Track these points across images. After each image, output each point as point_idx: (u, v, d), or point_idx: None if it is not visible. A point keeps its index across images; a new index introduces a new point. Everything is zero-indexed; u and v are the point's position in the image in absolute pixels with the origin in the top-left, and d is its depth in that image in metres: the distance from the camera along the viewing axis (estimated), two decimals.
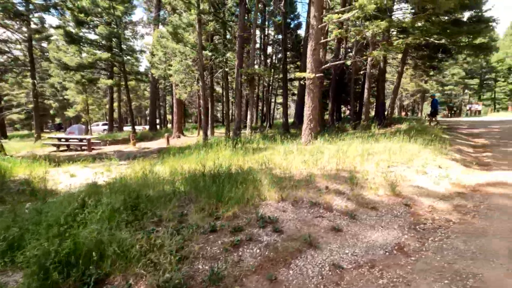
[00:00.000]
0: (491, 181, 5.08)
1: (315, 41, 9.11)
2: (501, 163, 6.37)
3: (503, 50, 36.12)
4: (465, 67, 40.05)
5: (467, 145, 9.04)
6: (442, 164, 6.05)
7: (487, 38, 27.56)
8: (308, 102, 9.59)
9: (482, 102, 40.74)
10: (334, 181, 4.68)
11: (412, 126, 12.37)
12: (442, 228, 3.30)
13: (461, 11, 12.18)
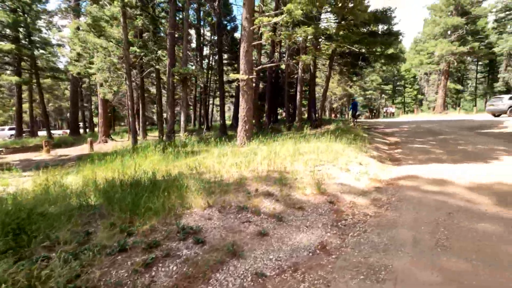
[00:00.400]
0: (401, 175, 5.68)
1: (247, 42, 9.12)
2: (408, 158, 7.26)
3: (409, 62, 42.28)
4: (382, 75, 45.76)
5: (383, 143, 10.15)
6: (362, 161, 6.57)
7: (397, 50, 31.76)
8: (242, 104, 9.54)
9: (395, 105, 47.02)
10: (264, 183, 4.62)
11: (339, 127, 13.43)
12: (360, 223, 3.47)
13: (375, 24, 13.75)
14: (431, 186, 4.74)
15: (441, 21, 29.10)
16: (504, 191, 4.23)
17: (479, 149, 8.05)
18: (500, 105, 18.31)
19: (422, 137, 11.23)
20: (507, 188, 4.32)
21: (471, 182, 4.75)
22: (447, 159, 6.94)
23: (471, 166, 6.03)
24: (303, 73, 14.00)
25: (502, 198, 3.94)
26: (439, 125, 15.41)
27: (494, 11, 29.23)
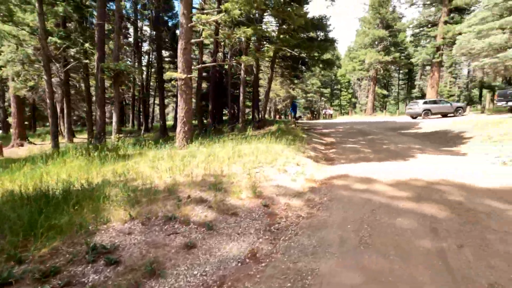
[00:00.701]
0: (334, 174, 5.96)
1: (185, 40, 8.69)
2: (341, 158, 7.72)
3: (344, 67, 46.01)
4: (321, 79, 48.97)
5: (320, 143, 10.69)
6: (300, 161, 6.74)
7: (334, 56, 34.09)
8: (181, 104, 9.06)
9: (333, 107, 50.65)
10: (198, 188, 4.35)
11: (281, 128, 13.78)
12: (293, 225, 3.46)
13: (313, 31, 14.50)
14: (359, 184, 5.04)
15: (370, 32, 32.32)
16: (418, 186, 4.71)
17: (400, 148, 9.00)
18: (416, 108, 21.01)
19: (354, 137, 12.18)
20: (420, 184, 4.82)
21: (392, 179, 5.19)
22: (374, 157, 7.56)
23: (393, 164, 6.65)
24: (245, 74, 14.01)
25: (416, 193, 4.37)
26: (368, 126, 16.98)
27: (411, 27, 33.55)
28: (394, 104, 49.90)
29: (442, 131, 11.71)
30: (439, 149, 8.71)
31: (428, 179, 5.07)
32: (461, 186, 4.62)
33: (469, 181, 4.87)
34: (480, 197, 4.07)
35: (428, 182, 4.90)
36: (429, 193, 4.30)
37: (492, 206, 3.72)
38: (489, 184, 4.67)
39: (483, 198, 4.01)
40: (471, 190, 4.42)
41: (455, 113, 20.95)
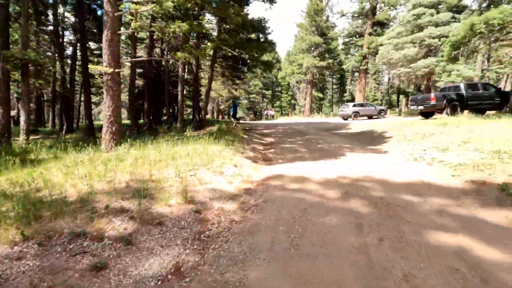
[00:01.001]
0: (271, 174, 5.97)
1: (111, 30, 7.82)
2: (279, 158, 7.85)
3: (284, 70, 47.93)
4: (263, 80, 50.23)
5: (260, 144, 10.78)
6: (238, 162, 6.61)
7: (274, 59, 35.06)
8: (107, 101, 8.13)
9: (274, 108, 52.38)
10: (120, 196, 3.84)
11: (221, 128, 13.53)
12: (225, 231, 3.27)
13: (253, 32, 14.63)
14: (293, 184, 5.11)
15: (307, 38, 34.29)
16: (345, 183, 4.98)
17: (332, 147, 9.59)
18: (347, 111, 22.99)
19: (293, 137, 12.63)
20: (348, 181, 5.11)
21: (324, 177, 5.41)
22: (309, 157, 7.87)
23: (325, 163, 6.99)
24: (184, 72, 13.38)
25: (344, 190, 4.60)
26: (306, 126, 17.89)
27: (342, 36, 36.73)
28: (329, 106, 54.04)
29: (368, 131, 12.94)
30: (365, 148, 9.54)
31: (355, 176, 5.42)
32: (382, 182, 5.04)
33: (388, 177, 5.35)
34: (397, 191, 4.47)
35: (354, 179, 5.22)
36: (355, 190, 4.56)
37: (406, 199, 4.10)
38: (404, 179, 5.19)
39: (400, 193, 4.41)
40: (390, 185, 4.85)
41: (378, 115, 23.55)
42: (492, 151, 6.31)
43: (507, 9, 9.56)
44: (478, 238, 2.89)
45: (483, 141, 7.11)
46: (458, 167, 5.77)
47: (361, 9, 32.61)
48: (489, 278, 2.27)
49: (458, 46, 11.78)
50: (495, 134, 7.68)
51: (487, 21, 9.78)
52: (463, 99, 13.86)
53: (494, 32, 10.97)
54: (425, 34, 20.84)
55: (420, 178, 5.15)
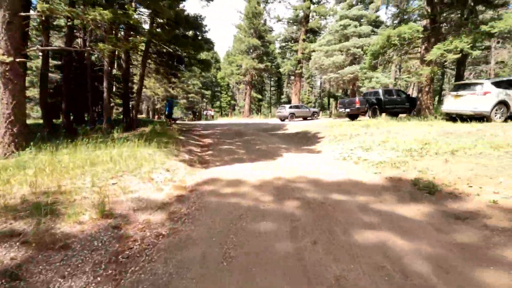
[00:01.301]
0: (206, 178, 5.65)
1: (10, 11, 6.46)
2: (216, 160, 7.56)
3: (223, 71, 47.68)
4: (202, 80, 49.04)
5: (197, 145, 10.30)
6: (171, 166, 6.10)
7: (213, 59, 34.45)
8: (5, 97, 6.71)
9: (214, 109, 51.68)
10: (12, 216, 3.07)
11: (155, 129, 12.58)
12: (149, 248, 2.85)
13: (189, 28, 13.99)
14: (229, 188, 4.90)
15: (246, 40, 34.67)
16: (281, 185, 4.98)
17: (270, 148, 9.72)
18: (284, 112, 23.94)
19: (231, 138, 12.45)
20: (283, 183, 5.13)
21: (260, 179, 5.34)
22: (247, 158, 7.78)
23: (263, 163, 6.97)
24: (111, 67, 12.02)
25: (279, 192, 4.57)
26: (245, 127, 17.94)
27: (279, 40, 38.22)
28: (267, 107, 55.71)
29: (303, 132, 13.58)
30: (301, 148, 9.92)
31: (290, 177, 5.49)
32: (315, 182, 5.20)
33: (321, 176, 5.56)
34: (328, 191, 4.63)
35: (290, 180, 5.27)
36: (290, 192, 4.58)
37: (337, 198, 4.26)
38: (335, 178, 5.46)
39: (331, 192, 4.57)
40: (322, 185, 5.02)
41: (312, 116, 25.13)
42: (405, 150, 7.12)
43: (415, 26, 11.11)
44: (398, 233, 3.10)
45: (398, 141, 8.00)
46: (379, 165, 6.34)
47: (295, 16, 34.43)
48: (408, 271, 2.40)
49: (377, 55, 13.23)
50: (407, 135, 8.76)
51: (400, 34, 11.19)
52: (381, 103, 15.67)
53: (404, 46, 12.65)
54: (351, 44, 23.03)
55: (348, 177, 5.48)
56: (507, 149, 5.92)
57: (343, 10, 25.14)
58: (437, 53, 10.62)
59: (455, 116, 10.99)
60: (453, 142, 7.18)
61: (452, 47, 10.20)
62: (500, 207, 3.52)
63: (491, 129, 8.26)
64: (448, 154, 6.13)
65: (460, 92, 10.58)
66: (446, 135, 8.12)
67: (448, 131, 8.62)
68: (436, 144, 7.18)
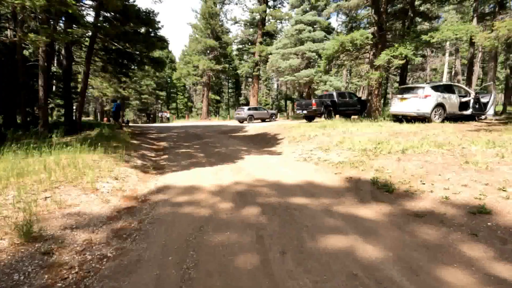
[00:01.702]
0: (162, 185, 5.14)
1: None
2: (173, 165, 7.02)
3: (179, 71, 45.93)
4: (156, 80, 46.68)
5: (151, 149, 9.56)
6: (120, 174, 5.46)
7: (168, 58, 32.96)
8: None
9: (169, 111, 49.58)
10: None
11: (103, 133, 11.45)
12: (89, 277, 2.36)
13: (140, 24, 13.03)
14: (187, 196, 4.49)
15: (202, 40, 33.84)
16: (243, 190, 4.71)
17: (230, 150, 9.40)
18: (243, 114, 23.83)
19: (189, 141, 11.86)
20: (244, 188, 4.87)
21: (221, 185, 5.01)
22: (206, 162, 7.37)
23: (223, 167, 6.64)
24: (46, 63, 10.60)
25: (241, 198, 4.31)
26: (203, 130, 17.36)
27: (236, 42, 38.06)
28: (225, 109, 55.16)
29: (263, 133, 13.52)
30: (261, 150, 9.79)
31: (252, 181, 5.26)
32: (278, 185, 5.04)
33: (283, 179, 5.43)
34: (292, 194, 4.50)
35: (251, 184, 5.04)
36: (253, 197, 4.34)
37: (301, 202, 4.13)
38: (297, 180, 5.37)
39: (295, 195, 4.44)
40: (285, 188, 4.88)
41: (270, 118, 25.42)
42: (361, 150, 7.37)
43: (365, 33, 11.79)
44: (364, 236, 3.04)
45: (354, 141, 8.29)
46: (339, 165, 6.44)
47: (252, 19, 34.63)
48: (380, 277, 2.30)
49: (331, 59, 13.78)
50: (361, 135, 9.16)
51: (352, 40, 11.78)
52: (335, 105, 16.38)
53: (355, 51, 13.37)
54: (306, 48, 23.80)
55: (311, 178, 5.43)
56: (448, 147, 6.44)
57: (298, 15, 25.93)
58: (385, 58, 11.38)
59: (401, 117, 11.85)
60: (402, 141, 7.64)
61: (397, 53, 11.00)
62: (451, 202, 3.69)
63: (432, 129, 9.02)
64: (399, 153, 6.45)
65: (405, 95, 11.45)
66: (396, 135, 8.65)
67: (397, 131, 9.21)
68: (388, 143, 7.57)
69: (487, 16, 15.16)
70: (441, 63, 29.59)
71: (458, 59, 27.48)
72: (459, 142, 6.70)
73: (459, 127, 9.47)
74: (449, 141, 6.97)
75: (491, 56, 15.80)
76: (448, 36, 9.60)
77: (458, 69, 29.64)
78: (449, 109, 11.26)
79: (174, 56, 52.56)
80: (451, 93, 11.43)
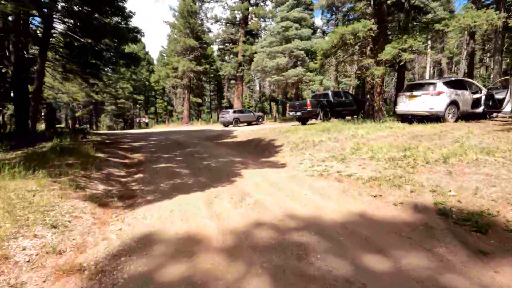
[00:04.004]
0: (132, 237, 3.32)
1: None
2: (148, 190, 5.14)
3: (157, 73, 43.41)
4: (132, 83, 43.81)
5: (122, 165, 7.59)
6: (64, 215, 3.58)
7: (145, 60, 30.57)
8: None
9: (148, 115, 46.76)
10: None
11: (62, 144, 9.33)
12: None
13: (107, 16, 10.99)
14: (178, 263, 2.71)
15: (181, 40, 31.71)
16: (266, 241, 3.00)
17: (221, 163, 7.64)
18: (228, 117, 22.05)
19: (170, 151, 9.96)
20: (266, 234, 3.15)
21: (228, 230, 3.27)
22: (194, 183, 5.57)
23: (219, 192, 4.89)
24: None
25: (271, 261, 2.61)
26: (186, 136, 15.42)
27: (217, 41, 36.15)
28: (208, 113, 52.94)
29: (256, 139, 11.83)
30: (259, 160, 8.10)
31: (267, 218, 3.56)
32: (317, 226, 3.35)
33: (314, 210, 3.78)
34: (352, 247, 2.85)
35: (275, 226, 3.34)
36: (294, 260, 2.62)
37: (369, 266, 2.49)
38: (330, 211, 3.74)
39: (356, 250, 2.80)
40: (331, 233, 3.22)
41: (257, 121, 23.80)
42: (387, 159, 5.89)
43: (368, 23, 10.45)
44: None
45: (373, 148, 6.81)
46: (371, 183, 4.89)
47: (233, 17, 32.96)
48: None
49: (328, 55, 12.37)
50: (375, 139, 7.71)
51: (354, 32, 10.40)
52: (331, 106, 15.00)
53: (355, 45, 12.03)
54: (294, 46, 22.41)
55: (347, 208, 3.82)
56: (500, 154, 5.07)
57: (283, 12, 24.54)
58: (392, 52, 10.07)
59: (410, 117, 10.58)
60: (431, 147, 6.25)
61: (407, 45, 9.72)
62: None
63: (455, 130, 7.70)
64: (441, 163, 5.05)
65: (415, 93, 10.18)
66: (417, 139, 7.27)
67: (415, 133, 7.83)
68: (417, 150, 6.14)
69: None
70: (431, 60, 29.11)
71: (444, 57, 27.25)
72: (508, 147, 5.36)
73: (482, 127, 8.23)
74: (495, 146, 5.62)
75: (496, 48, 15.05)
76: (466, 23, 8.41)
77: (444, 67, 29.46)
78: (462, 107, 10.12)
79: (152, 58, 49.84)
80: (463, 89, 10.32)
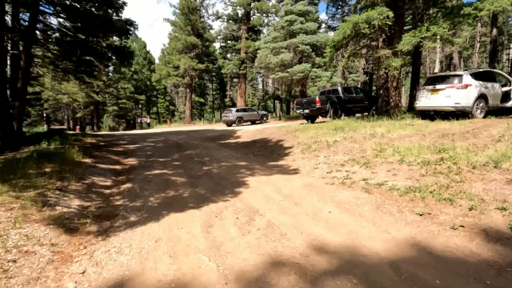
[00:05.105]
0: (92, 282, 2.37)
1: None
2: (133, 207, 4.18)
3: (158, 73, 42.51)
4: (134, 83, 43.06)
5: (110, 172, 6.64)
6: (10, 250, 2.65)
7: (146, 59, 29.76)
8: None
9: (150, 115, 45.98)
10: None
11: (49, 147, 8.47)
12: None
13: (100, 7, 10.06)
14: None
15: (182, 38, 30.77)
16: None
17: (224, 168, 6.68)
18: (231, 116, 21.08)
19: (167, 155, 9.02)
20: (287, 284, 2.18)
21: (225, 271, 2.31)
22: (190, 196, 4.61)
23: (220, 208, 3.93)
24: None
25: None
26: (187, 136, 14.49)
27: (219, 38, 35.13)
28: (210, 112, 52.06)
29: (261, 139, 10.86)
30: (267, 164, 7.12)
31: (295, 253, 2.58)
32: (353, 262, 2.39)
33: (347, 238, 2.80)
34: None
35: (301, 267, 2.36)
36: None
37: None
38: (378, 242, 2.77)
39: None
40: (373, 270, 2.24)
41: (261, 120, 22.79)
42: (420, 163, 4.89)
43: (385, 10, 9.40)
44: None
45: (400, 150, 5.80)
46: (411, 195, 3.90)
47: (235, 13, 31.95)
48: None
49: (339, 47, 11.34)
50: (398, 139, 6.72)
51: (369, 20, 9.37)
52: (341, 102, 13.97)
53: (369, 35, 10.99)
54: (299, 41, 21.35)
55: (393, 236, 2.82)
56: None
57: (288, 5, 23.45)
58: (413, 41, 9.00)
59: (433, 113, 9.52)
60: (470, 147, 5.22)
61: (430, 34, 8.65)
62: None
63: (488, 127, 6.63)
64: (492, 168, 4.10)
65: (438, 86, 9.11)
66: (447, 138, 6.25)
67: (443, 132, 6.80)
68: (454, 151, 5.12)
69: None
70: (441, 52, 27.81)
71: (455, 50, 25.97)
72: None
73: None
74: None
75: None
76: (503, 5, 7.34)
77: (456, 61, 28.18)
78: (491, 101, 9.05)
79: (154, 57, 48.98)
80: (492, 81, 9.25)
